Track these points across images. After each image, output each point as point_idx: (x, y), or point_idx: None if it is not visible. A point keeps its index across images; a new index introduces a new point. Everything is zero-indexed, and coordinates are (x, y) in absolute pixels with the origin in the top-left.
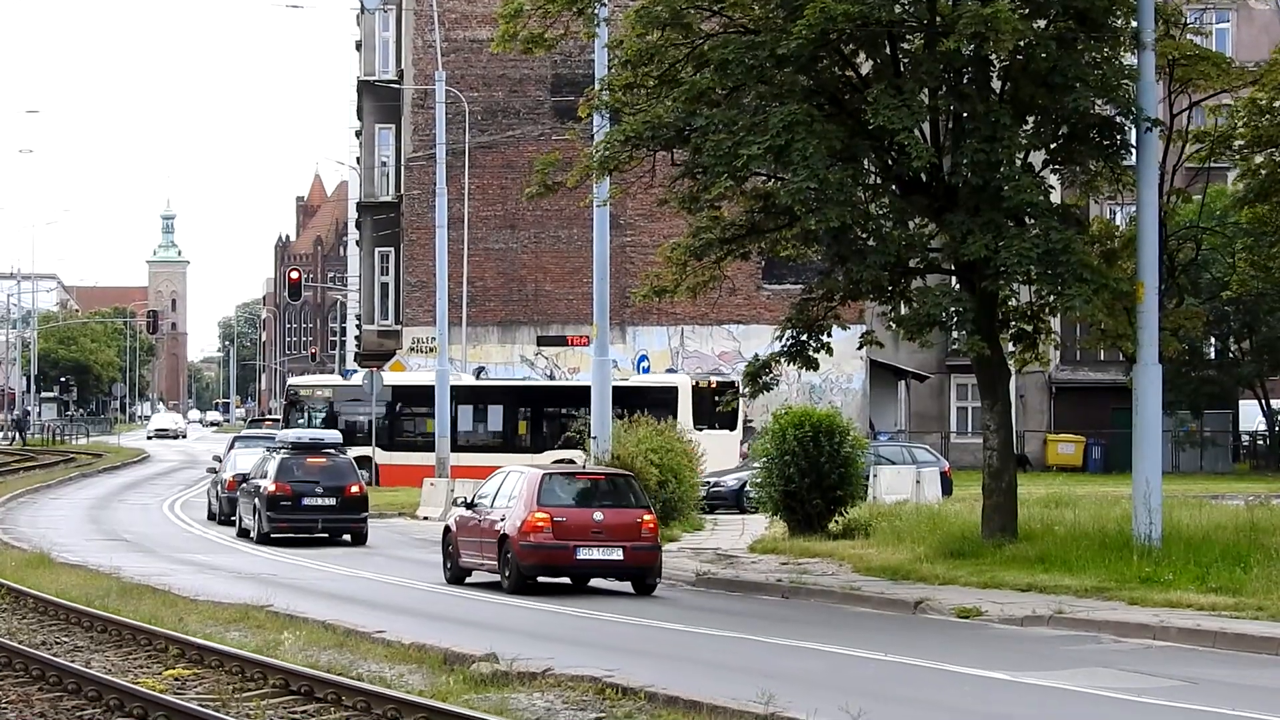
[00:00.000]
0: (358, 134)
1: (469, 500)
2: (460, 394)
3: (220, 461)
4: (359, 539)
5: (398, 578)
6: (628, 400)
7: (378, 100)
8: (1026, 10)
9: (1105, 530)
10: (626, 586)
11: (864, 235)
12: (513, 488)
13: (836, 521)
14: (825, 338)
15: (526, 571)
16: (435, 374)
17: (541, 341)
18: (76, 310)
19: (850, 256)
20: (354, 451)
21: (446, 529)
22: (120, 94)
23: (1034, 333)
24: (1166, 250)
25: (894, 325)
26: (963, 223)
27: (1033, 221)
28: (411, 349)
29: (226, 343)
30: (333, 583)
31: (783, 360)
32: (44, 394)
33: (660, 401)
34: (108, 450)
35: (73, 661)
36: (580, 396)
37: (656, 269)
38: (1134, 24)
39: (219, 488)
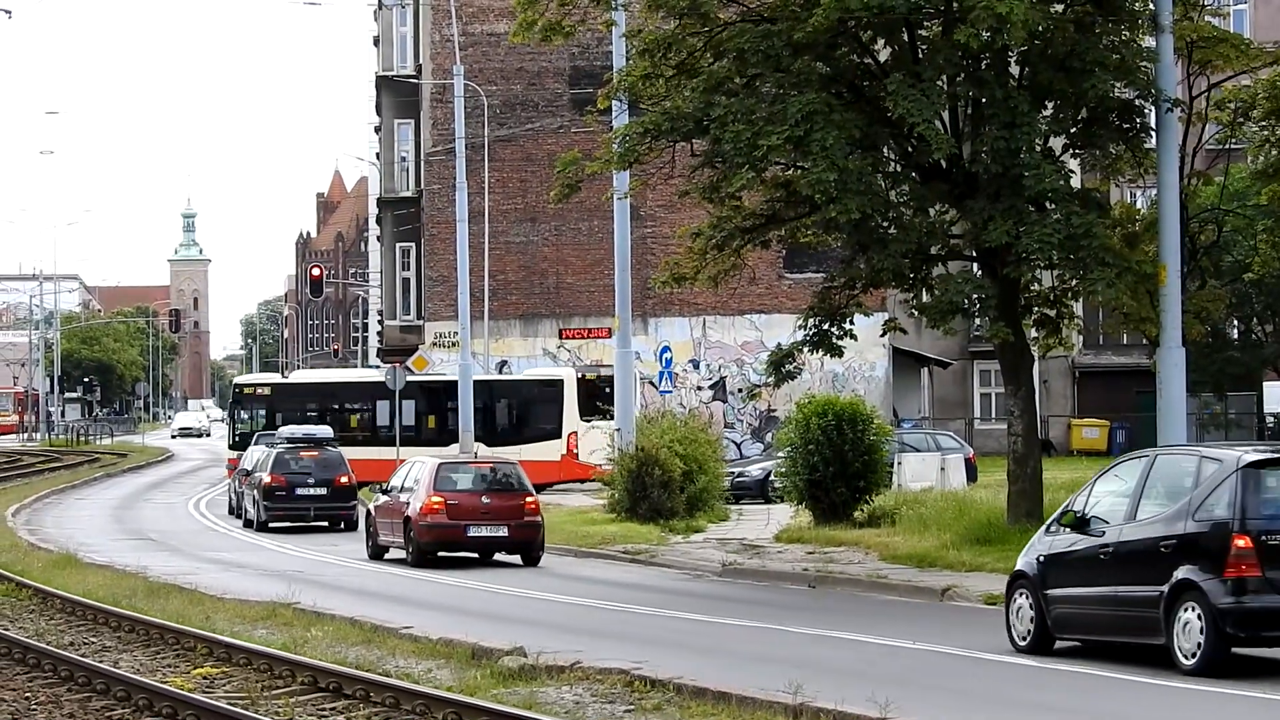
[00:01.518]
0: (377, 130)
1: (384, 487)
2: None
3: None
4: (350, 525)
5: (419, 573)
6: (513, 394)
7: (396, 95)
8: None
9: None
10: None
11: (885, 223)
12: (416, 476)
13: (862, 510)
14: (848, 325)
15: (425, 547)
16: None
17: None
18: (99, 310)
19: (871, 245)
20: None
21: (368, 512)
22: (139, 94)
23: (1057, 318)
24: (1188, 233)
25: (917, 313)
26: (984, 209)
27: (1054, 206)
28: (434, 344)
29: (249, 340)
30: (358, 578)
31: (806, 349)
32: (68, 394)
33: (546, 396)
34: (132, 450)
35: (101, 661)
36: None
37: (677, 257)
38: (1151, 6)
39: (238, 483)
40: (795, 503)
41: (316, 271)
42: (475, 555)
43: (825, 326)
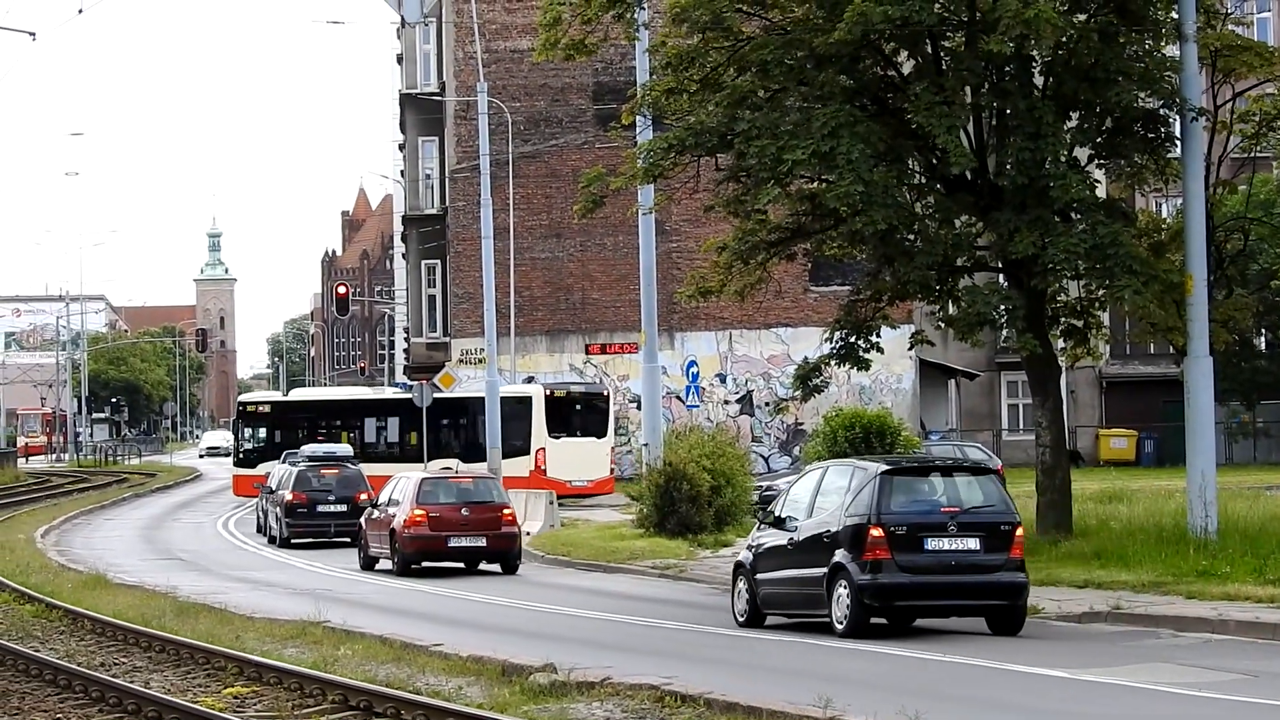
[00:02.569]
0: (401, 147)
1: (373, 501)
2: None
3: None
4: None
5: (450, 589)
6: (478, 411)
7: (420, 113)
8: (1066, 6)
9: (1161, 524)
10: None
11: (911, 235)
12: (401, 490)
13: None
14: (875, 338)
15: (409, 557)
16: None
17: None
18: (125, 331)
19: (897, 257)
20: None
21: (358, 525)
22: (164, 114)
23: (1084, 328)
24: (1214, 241)
25: (944, 325)
26: (1009, 220)
27: (1079, 217)
28: (460, 360)
29: (275, 359)
30: (387, 595)
31: (833, 362)
32: (95, 415)
33: (515, 412)
34: (160, 470)
35: (132, 682)
36: (458, 407)
37: (702, 270)
38: (1175, 16)
39: (264, 500)
40: None
41: (342, 289)
42: (461, 565)
43: (851, 339)
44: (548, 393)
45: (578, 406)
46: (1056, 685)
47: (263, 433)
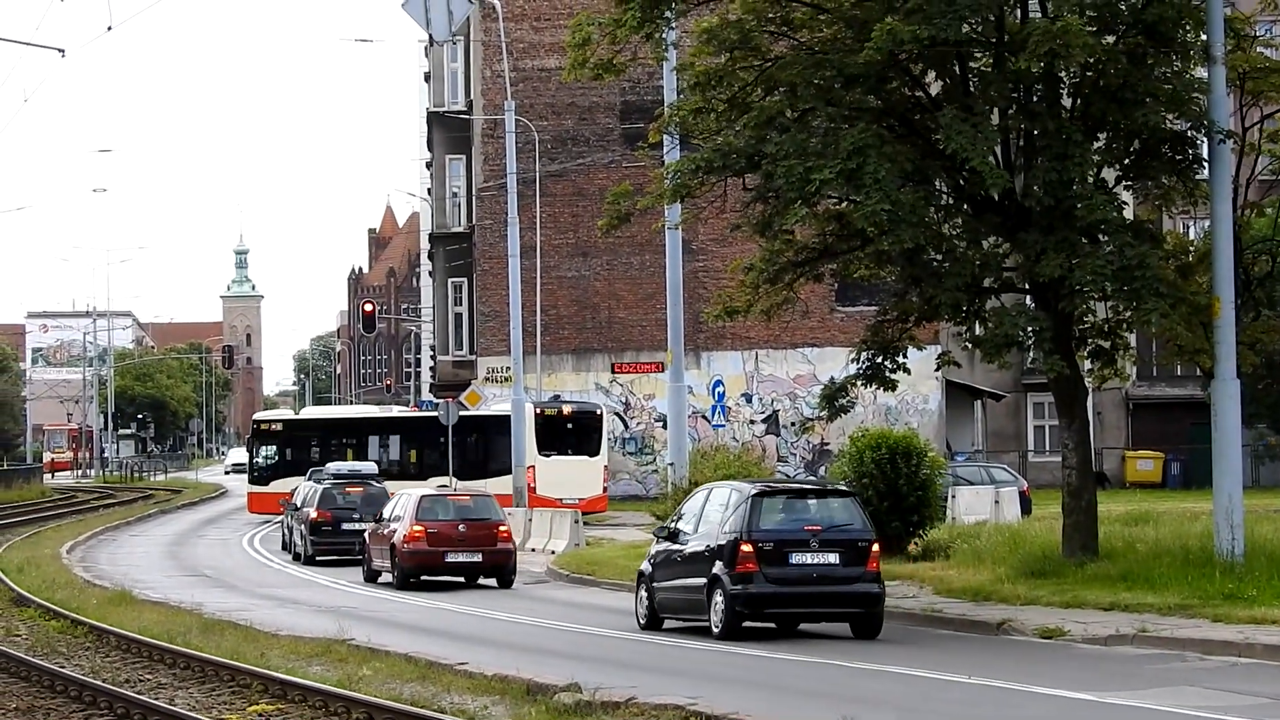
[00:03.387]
0: (428, 165)
1: (376, 517)
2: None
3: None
4: None
5: (474, 608)
6: (477, 429)
7: (447, 131)
8: (1095, 28)
9: (1187, 547)
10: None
11: (938, 256)
12: (402, 507)
13: (916, 543)
14: (901, 359)
15: (409, 571)
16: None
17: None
18: (152, 347)
19: (925, 277)
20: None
21: (362, 538)
22: (192, 131)
23: (1111, 349)
24: (1242, 264)
25: (971, 346)
26: (1036, 241)
27: (1107, 238)
28: (486, 379)
29: (302, 376)
30: (412, 614)
31: (859, 382)
32: (121, 431)
33: (507, 430)
34: (186, 486)
35: (157, 699)
36: (460, 426)
37: (729, 290)
38: (1204, 37)
39: (289, 517)
40: None
41: (369, 307)
42: (461, 579)
43: (878, 360)
44: (537, 411)
45: (569, 425)
46: (1082, 708)
47: (276, 451)
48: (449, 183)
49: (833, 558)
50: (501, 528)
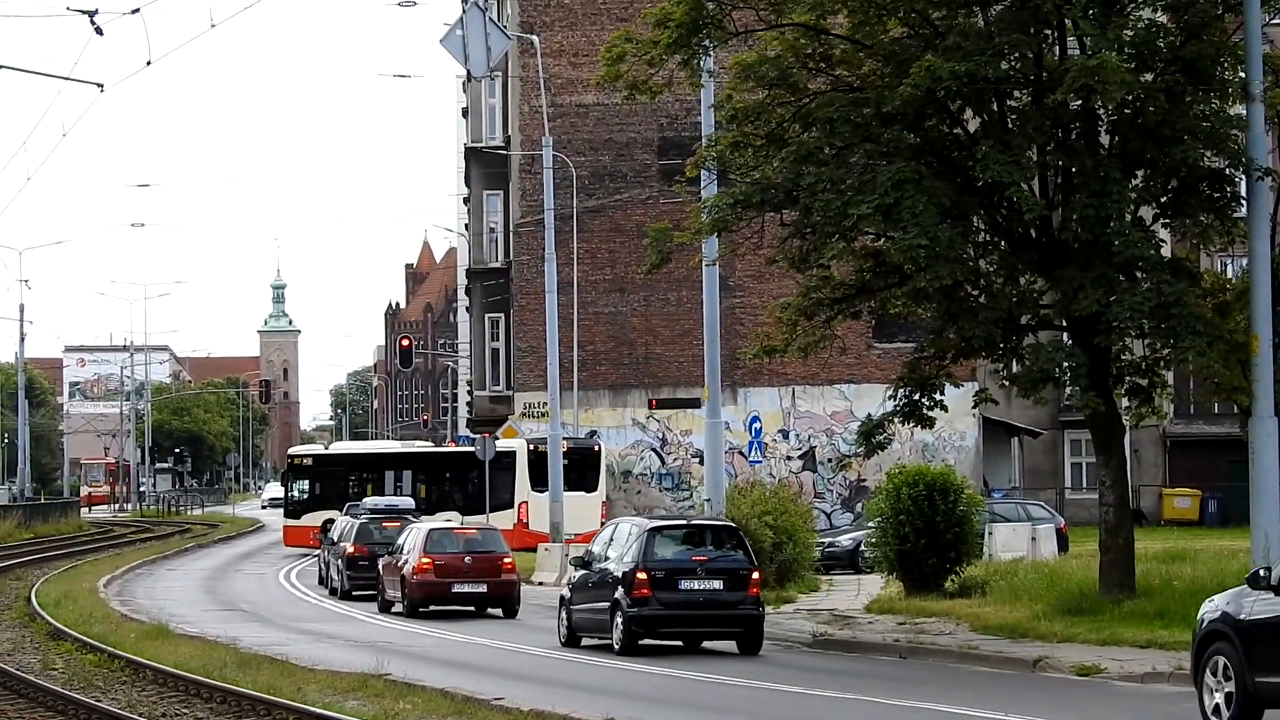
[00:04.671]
0: (466, 200)
1: (391, 548)
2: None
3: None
4: None
5: (512, 643)
6: (468, 465)
7: (485, 167)
8: (1133, 64)
9: (1224, 584)
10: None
11: (975, 292)
12: (412, 540)
13: (952, 580)
14: (939, 396)
15: (417, 601)
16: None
17: (653, 405)
18: (189, 381)
19: (962, 314)
20: (325, 515)
21: (377, 570)
22: (229, 165)
23: (1149, 387)
24: None
25: (1007, 382)
26: (1074, 278)
27: (1144, 275)
28: (523, 414)
29: (339, 410)
30: (448, 649)
31: (897, 419)
32: (159, 465)
33: (502, 466)
34: (223, 520)
35: None
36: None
37: (766, 329)
38: (1242, 75)
39: (326, 551)
40: (886, 573)
41: (405, 342)
42: (470, 608)
43: (915, 397)
44: (530, 448)
45: (565, 461)
46: None
47: (308, 485)
48: (486, 218)
49: (718, 584)
50: (506, 560)
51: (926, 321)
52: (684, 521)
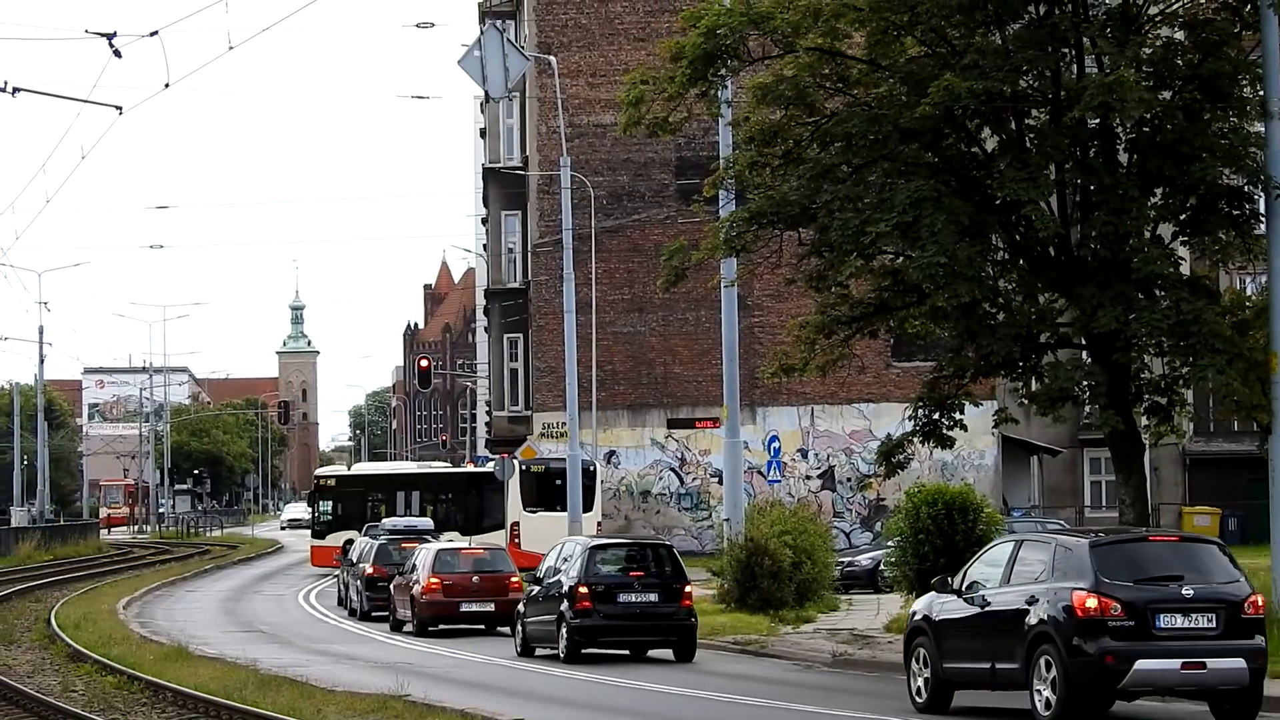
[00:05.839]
0: (484, 221)
1: (400, 569)
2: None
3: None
4: None
5: (527, 663)
6: (462, 485)
7: (503, 187)
8: (1151, 83)
9: None
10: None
11: (993, 310)
12: (421, 560)
13: None
14: (958, 415)
15: (427, 620)
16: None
17: (671, 424)
18: (208, 402)
19: (980, 332)
20: (346, 535)
21: (389, 590)
22: (248, 187)
23: (1168, 405)
24: None
25: (1026, 401)
26: (1092, 296)
27: (1163, 293)
28: (542, 434)
29: (357, 431)
30: (466, 670)
31: (916, 439)
32: (178, 486)
33: (494, 486)
34: (242, 541)
35: None
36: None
37: (784, 348)
38: (1261, 92)
39: (345, 572)
40: (905, 592)
41: (424, 363)
42: (480, 626)
43: (935, 416)
44: (522, 468)
45: (557, 481)
46: None
47: (332, 505)
48: (504, 238)
49: (653, 596)
50: (513, 579)
51: (945, 340)
52: (622, 540)
